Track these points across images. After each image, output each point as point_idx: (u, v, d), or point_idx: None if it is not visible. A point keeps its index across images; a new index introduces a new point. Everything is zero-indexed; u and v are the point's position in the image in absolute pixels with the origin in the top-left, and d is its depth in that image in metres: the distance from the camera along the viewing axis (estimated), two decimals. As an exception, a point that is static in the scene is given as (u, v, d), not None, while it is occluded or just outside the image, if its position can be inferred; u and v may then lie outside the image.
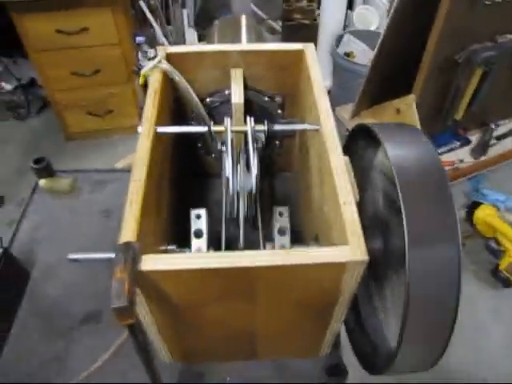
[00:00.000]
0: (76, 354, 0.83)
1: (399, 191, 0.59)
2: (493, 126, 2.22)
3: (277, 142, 1.00)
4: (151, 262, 0.52)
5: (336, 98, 2.49)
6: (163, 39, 2.10)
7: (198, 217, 0.75)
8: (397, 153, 0.64)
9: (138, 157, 0.64)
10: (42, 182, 1.11)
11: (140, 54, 2.26)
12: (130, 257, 0.51)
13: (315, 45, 0.85)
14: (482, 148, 2.17)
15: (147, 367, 0.58)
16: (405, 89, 1.89)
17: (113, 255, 0.55)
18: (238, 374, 0.78)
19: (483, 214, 1.91)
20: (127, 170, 1.23)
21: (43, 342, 0.86)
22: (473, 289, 1.87)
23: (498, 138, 2.25)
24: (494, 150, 2.20)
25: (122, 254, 0.50)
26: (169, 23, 2.35)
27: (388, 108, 2.05)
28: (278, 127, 0.74)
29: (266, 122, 0.73)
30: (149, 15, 1.98)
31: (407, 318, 0.57)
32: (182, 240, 0.77)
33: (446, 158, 2.11)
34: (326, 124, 0.69)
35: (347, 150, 0.83)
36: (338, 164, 0.63)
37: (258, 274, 0.54)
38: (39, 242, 1.02)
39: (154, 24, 2.00)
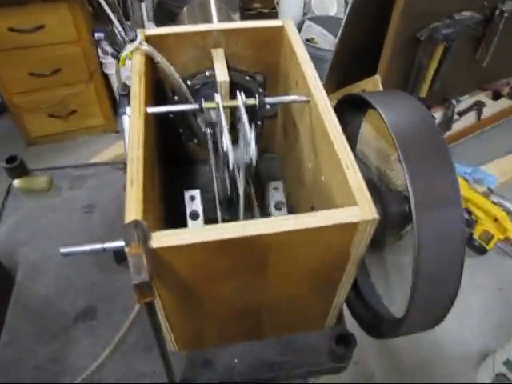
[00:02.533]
0: (73, 354, 0.80)
1: (400, 155, 0.59)
2: (454, 102, 2.29)
3: (258, 123, 1.00)
4: (163, 239, 0.51)
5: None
6: (122, 34, 2.05)
7: (192, 198, 0.74)
8: (392, 116, 0.64)
9: (132, 137, 0.62)
10: (17, 181, 1.07)
11: (100, 50, 2.20)
12: (141, 234, 0.49)
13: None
14: (446, 124, 2.24)
15: (161, 350, 0.57)
16: (370, 71, 1.92)
17: (106, 245, 0.52)
18: (246, 355, 0.77)
19: (454, 185, 1.96)
20: (107, 164, 1.20)
21: (37, 345, 0.82)
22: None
23: (460, 114, 2.32)
24: (457, 125, 2.28)
25: (132, 230, 0.48)
26: (127, 18, 2.30)
27: (354, 89, 2.07)
28: (269, 100, 0.74)
29: (256, 96, 0.73)
30: (107, 10, 1.92)
31: (417, 286, 0.57)
32: (176, 224, 0.75)
33: (413, 135, 2.16)
34: (317, 94, 0.69)
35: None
36: (336, 129, 0.63)
37: (270, 242, 0.53)
38: (21, 243, 0.98)
39: (113, 18, 1.94)
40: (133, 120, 0.65)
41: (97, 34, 2.06)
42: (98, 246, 0.54)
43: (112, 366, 0.76)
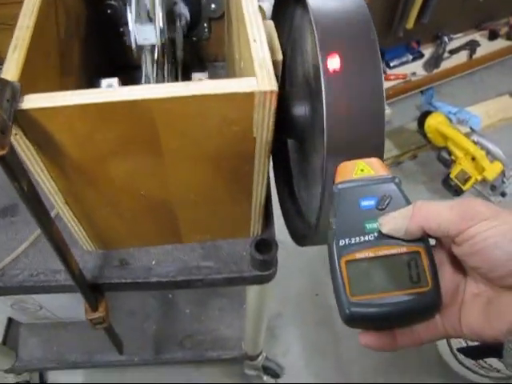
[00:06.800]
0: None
1: (316, 40, 0.53)
2: (446, 40, 2.18)
3: (205, 25, 0.93)
4: (35, 100, 0.46)
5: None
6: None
7: (110, 86, 0.69)
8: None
9: (26, 6, 0.57)
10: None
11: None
12: (8, 93, 0.45)
13: None
14: (435, 61, 2.14)
15: (45, 231, 0.54)
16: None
17: None
18: (165, 257, 0.75)
19: (435, 121, 1.89)
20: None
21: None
22: (423, 199, 1.89)
23: (451, 52, 2.22)
24: (447, 64, 2.18)
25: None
26: None
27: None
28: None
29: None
30: None
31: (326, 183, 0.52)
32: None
33: (398, 71, 2.08)
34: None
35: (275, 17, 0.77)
36: (251, 7, 0.58)
37: (157, 110, 0.48)
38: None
39: None
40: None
41: None
42: None
43: (27, 260, 0.74)
